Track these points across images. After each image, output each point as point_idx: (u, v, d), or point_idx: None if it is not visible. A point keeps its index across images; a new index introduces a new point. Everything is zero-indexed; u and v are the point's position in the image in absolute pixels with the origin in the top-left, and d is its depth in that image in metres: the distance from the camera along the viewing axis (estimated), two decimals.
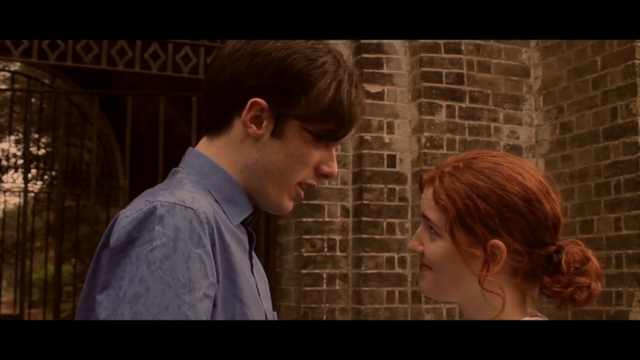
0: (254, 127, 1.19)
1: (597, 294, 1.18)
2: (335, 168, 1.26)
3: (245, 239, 1.23)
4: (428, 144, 4.09)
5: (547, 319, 1.20)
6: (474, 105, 4.22)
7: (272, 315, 1.27)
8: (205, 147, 1.24)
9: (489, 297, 1.17)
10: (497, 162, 1.21)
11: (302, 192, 1.26)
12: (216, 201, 1.18)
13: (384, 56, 4.21)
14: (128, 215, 1.08)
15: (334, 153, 1.26)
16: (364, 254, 4.01)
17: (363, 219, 4.04)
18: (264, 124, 1.19)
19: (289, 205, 1.25)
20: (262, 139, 1.20)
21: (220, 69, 1.21)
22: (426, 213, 1.23)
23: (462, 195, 1.18)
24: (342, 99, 1.20)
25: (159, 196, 1.09)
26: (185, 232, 1.05)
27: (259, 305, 1.19)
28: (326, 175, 1.25)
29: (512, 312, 1.19)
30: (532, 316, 1.21)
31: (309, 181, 1.24)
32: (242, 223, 1.23)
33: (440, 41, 4.17)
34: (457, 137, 4.16)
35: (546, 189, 1.20)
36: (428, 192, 1.23)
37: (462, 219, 1.17)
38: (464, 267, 1.19)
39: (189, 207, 1.08)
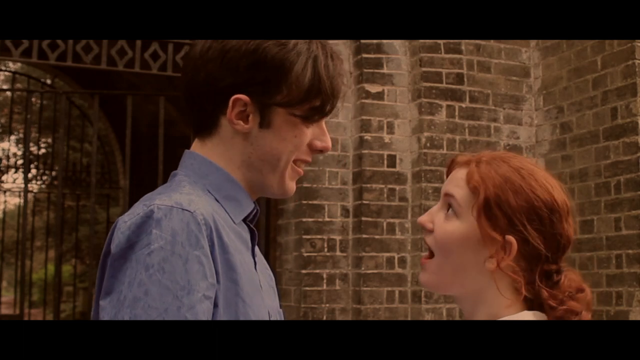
0: (241, 122, 1.19)
1: None
2: (328, 142, 1.25)
3: (247, 236, 1.23)
4: (428, 144, 4.09)
5: (545, 318, 1.20)
6: (474, 105, 4.22)
7: (277, 313, 1.26)
8: (199, 149, 1.24)
9: (493, 288, 1.18)
10: (532, 168, 1.23)
11: (301, 170, 1.25)
12: (217, 200, 1.18)
13: (384, 56, 4.21)
14: (126, 220, 1.08)
15: (324, 127, 1.25)
16: (364, 254, 4.01)
17: (363, 219, 4.04)
18: (250, 118, 1.19)
19: (292, 186, 1.25)
20: (251, 132, 1.19)
21: (195, 72, 1.20)
22: (451, 190, 1.22)
23: (496, 184, 1.19)
24: (321, 75, 1.18)
25: (156, 200, 1.09)
26: (183, 234, 1.06)
27: (261, 302, 1.19)
28: (321, 150, 1.25)
29: (509, 309, 1.19)
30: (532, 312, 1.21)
31: (303, 157, 1.23)
32: (244, 220, 1.23)
33: (440, 41, 4.17)
34: (457, 137, 4.16)
35: (569, 211, 1.22)
36: (460, 172, 1.24)
37: (491, 206, 1.18)
38: (471, 255, 1.19)
39: (186, 210, 1.08)
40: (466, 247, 1.19)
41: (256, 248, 1.28)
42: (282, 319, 1.29)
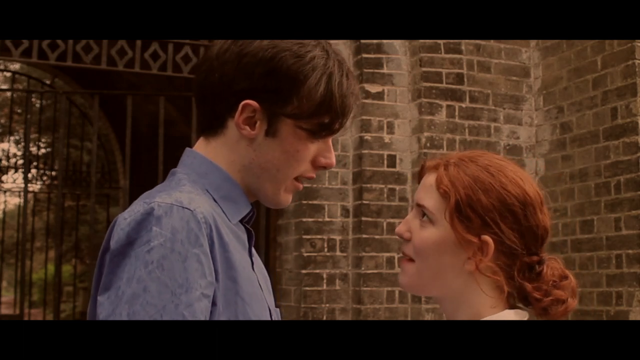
0: (247, 128, 1.19)
1: (572, 310, 1.19)
2: (332, 159, 1.25)
3: (244, 236, 1.24)
4: (428, 144, 4.09)
5: (527, 314, 1.20)
6: (474, 105, 4.22)
7: (274, 312, 1.27)
8: (202, 148, 1.25)
9: (475, 288, 1.18)
10: (501, 164, 1.23)
11: (300, 185, 1.26)
12: (214, 200, 1.19)
13: (384, 56, 4.21)
14: (126, 217, 1.08)
15: (331, 144, 1.25)
16: (364, 254, 4.01)
17: (363, 219, 4.04)
18: (257, 125, 1.19)
19: (287, 198, 1.26)
20: (256, 139, 1.20)
21: (210, 72, 1.21)
22: (423, 199, 1.23)
23: (466, 185, 1.19)
24: (333, 92, 1.19)
25: (157, 197, 1.10)
26: (183, 232, 1.06)
27: (262, 301, 1.19)
28: (324, 167, 1.25)
29: (492, 309, 1.19)
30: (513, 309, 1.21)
31: (307, 175, 1.24)
32: (241, 221, 1.24)
33: (440, 41, 4.17)
34: (457, 137, 4.16)
35: (541, 201, 1.22)
36: (429, 178, 1.24)
37: (462, 208, 1.18)
38: (449, 258, 1.19)
39: (186, 208, 1.08)
40: (443, 252, 1.20)
41: (253, 249, 1.28)
42: (279, 317, 1.30)
